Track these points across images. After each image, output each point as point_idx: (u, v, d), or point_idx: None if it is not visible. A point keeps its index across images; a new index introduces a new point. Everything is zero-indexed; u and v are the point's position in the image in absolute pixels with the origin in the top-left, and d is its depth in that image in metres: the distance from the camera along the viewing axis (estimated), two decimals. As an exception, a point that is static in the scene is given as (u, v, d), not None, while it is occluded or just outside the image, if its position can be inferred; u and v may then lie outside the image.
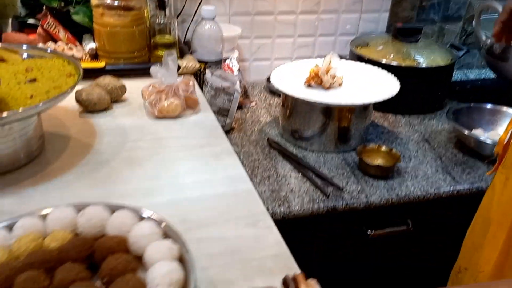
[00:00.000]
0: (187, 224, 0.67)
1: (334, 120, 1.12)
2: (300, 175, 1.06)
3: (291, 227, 0.97)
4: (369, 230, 1.03)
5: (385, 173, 1.04)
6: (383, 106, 1.36)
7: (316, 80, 1.14)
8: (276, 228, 0.69)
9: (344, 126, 1.13)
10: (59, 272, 0.52)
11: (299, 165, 1.09)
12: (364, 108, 1.14)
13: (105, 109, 0.99)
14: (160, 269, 0.52)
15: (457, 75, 1.67)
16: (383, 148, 1.10)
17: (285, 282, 0.46)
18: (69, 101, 0.99)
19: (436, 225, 1.10)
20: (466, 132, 1.14)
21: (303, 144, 1.17)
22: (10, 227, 0.61)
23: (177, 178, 0.80)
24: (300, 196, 0.99)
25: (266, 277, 0.59)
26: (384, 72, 1.23)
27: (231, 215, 0.71)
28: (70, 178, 0.78)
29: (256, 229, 0.69)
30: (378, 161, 1.08)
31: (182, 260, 0.56)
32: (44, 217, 0.62)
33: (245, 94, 1.38)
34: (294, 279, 0.44)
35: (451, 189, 1.04)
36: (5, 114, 0.68)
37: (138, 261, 0.56)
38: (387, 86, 1.15)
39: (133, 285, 0.50)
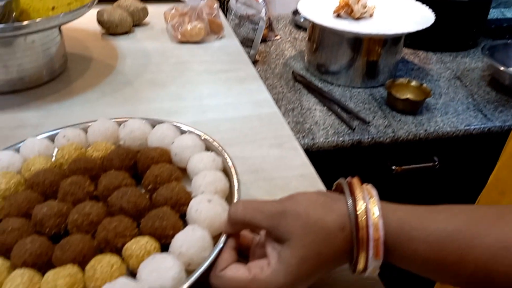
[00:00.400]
0: (212, 142, 0.66)
1: (363, 53, 1.09)
2: (325, 108, 1.04)
3: (314, 160, 0.96)
4: (394, 166, 1.02)
5: (414, 108, 1.02)
6: (414, 42, 1.31)
7: (346, 10, 1.09)
8: (302, 150, 0.68)
9: (373, 60, 1.10)
10: (104, 179, 0.53)
11: (324, 98, 1.07)
12: (395, 41, 1.10)
13: (126, 32, 0.97)
14: (205, 178, 0.53)
15: (493, 13, 1.58)
16: (413, 83, 1.07)
17: (338, 186, 0.44)
18: (91, 23, 0.98)
19: (464, 163, 1.08)
20: (502, 68, 1.10)
21: (329, 79, 1.14)
22: (52, 138, 0.62)
23: (200, 100, 0.79)
24: (325, 128, 0.98)
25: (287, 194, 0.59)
26: (418, 3, 1.17)
27: (255, 137, 0.71)
28: (94, 96, 0.78)
29: (281, 150, 0.68)
30: (407, 95, 1.05)
31: (225, 172, 0.56)
32: (85, 129, 0.64)
33: (269, 26, 1.34)
34: (349, 183, 0.41)
35: (482, 126, 1.01)
36: (25, 22, 0.67)
37: (181, 171, 0.57)
38: (420, 19, 1.10)
39: (177, 192, 0.51)
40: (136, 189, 0.51)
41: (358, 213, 0.38)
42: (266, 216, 0.41)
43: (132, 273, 0.44)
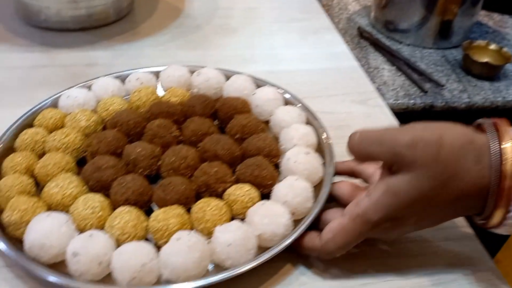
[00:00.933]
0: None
1: (438, 11, 1.02)
2: (394, 68, 0.99)
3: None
4: (463, 134, 0.98)
5: (492, 73, 0.96)
6: (489, 4, 1.24)
7: (423, -38, 1.02)
8: (389, 109, 0.65)
9: (448, 19, 1.04)
10: (191, 124, 0.52)
11: (393, 57, 1.02)
12: (474, 0, 1.03)
13: (192, -27, 0.93)
14: (298, 130, 0.51)
15: None
16: (492, 46, 1.01)
17: (479, 126, 0.38)
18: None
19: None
20: None
21: (397, 37, 1.09)
22: (122, 79, 0.61)
23: (273, 49, 0.76)
24: (395, 89, 0.94)
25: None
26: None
27: (336, 91, 0.68)
28: (163, 39, 0.76)
29: (366, 107, 0.65)
30: (486, 59, 0.99)
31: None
32: (156, 74, 0.62)
33: (331, -22, 1.27)
34: (494, 123, 0.36)
35: None
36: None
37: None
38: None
39: (270, 143, 0.49)
40: (228, 137, 0.50)
41: (504, 157, 0.33)
42: (388, 148, 0.37)
43: (234, 219, 0.43)
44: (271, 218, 0.40)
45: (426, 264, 0.43)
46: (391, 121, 0.63)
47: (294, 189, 0.43)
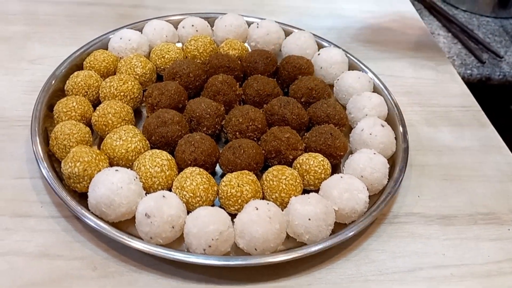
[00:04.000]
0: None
1: (500, -25, 0.97)
2: (450, 35, 0.95)
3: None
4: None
5: (554, 49, 0.93)
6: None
7: None
8: (460, 78, 0.63)
9: (511, -15, 0.99)
10: (254, 82, 0.49)
11: (450, 23, 0.97)
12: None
13: None
14: (370, 99, 0.49)
15: None
16: (557, 20, 0.96)
17: None
18: None
19: None
20: None
21: (452, 1, 1.04)
22: (174, 24, 0.58)
23: (333, 2, 0.73)
24: (450, 57, 0.90)
25: (453, 127, 0.55)
26: None
27: (403, 54, 0.65)
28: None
29: (435, 73, 0.63)
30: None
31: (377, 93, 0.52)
32: (209, 21, 0.59)
33: None
34: None
35: None
36: None
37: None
38: None
39: (339, 110, 0.48)
40: (295, 100, 0.48)
41: None
42: None
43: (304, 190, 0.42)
44: (352, 193, 0.39)
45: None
46: (463, 90, 0.61)
47: (372, 164, 0.42)
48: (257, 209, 0.36)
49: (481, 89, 0.92)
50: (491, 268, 0.40)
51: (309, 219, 0.36)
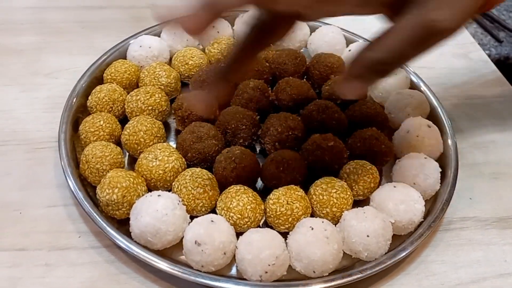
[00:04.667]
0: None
1: None
2: (465, 14, 0.92)
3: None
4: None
5: None
6: None
7: None
8: (494, 65, 0.61)
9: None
10: (286, 86, 0.47)
11: (464, 1, 0.94)
12: None
13: None
14: (412, 97, 0.47)
15: None
16: None
17: None
18: None
19: None
20: None
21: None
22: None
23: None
24: (468, 38, 0.88)
25: (495, 119, 0.52)
26: None
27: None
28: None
29: (468, 61, 0.60)
30: None
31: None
32: (229, 20, 0.56)
33: None
34: None
35: None
36: None
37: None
38: None
39: (379, 111, 0.45)
40: (333, 104, 0.45)
41: None
42: None
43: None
44: (408, 204, 0.37)
45: None
46: (499, 78, 0.59)
47: (425, 170, 0.40)
48: (312, 229, 0.34)
49: (500, 68, 0.89)
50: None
51: (368, 236, 0.34)
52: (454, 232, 0.40)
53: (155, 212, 0.34)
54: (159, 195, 0.36)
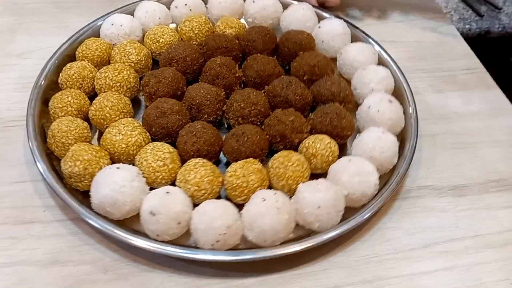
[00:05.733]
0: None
1: None
2: (450, -11, 0.91)
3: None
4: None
5: None
6: None
7: None
8: (463, 39, 0.61)
9: None
10: (254, 63, 0.47)
11: (450, -23, 0.93)
12: None
13: None
14: (378, 73, 0.47)
15: None
16: None
17: None
18: None
19: None
20: None
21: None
22: (165, 4, 0.55)
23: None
24: (448, 13, 0.86)
25: (460, 91, 0.53)
26: None
27: (404, 18, 0.62)
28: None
29: (437, 35, 0.60)
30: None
31: (382, 64, 0.50)
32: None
33: None
34: None
35: None
36: None
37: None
38: None
39: (344, 87, 0.45)
40: (298, 80, 0.46)
41: None
42: None
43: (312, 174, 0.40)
44: (362, 176, 0.38)
45: None
46: (467, 51, 0.59)
47: (382, 143, 0.40)
48: (264, 200, 0.35)
49: (480, 42, 0.89)
50: (507, 237, 0.40)
51: (319, 207, 0.35)
52: (411, 201, 0.42)
53: (113, 184, 0.35)
54: (118, 168, 0.37)
